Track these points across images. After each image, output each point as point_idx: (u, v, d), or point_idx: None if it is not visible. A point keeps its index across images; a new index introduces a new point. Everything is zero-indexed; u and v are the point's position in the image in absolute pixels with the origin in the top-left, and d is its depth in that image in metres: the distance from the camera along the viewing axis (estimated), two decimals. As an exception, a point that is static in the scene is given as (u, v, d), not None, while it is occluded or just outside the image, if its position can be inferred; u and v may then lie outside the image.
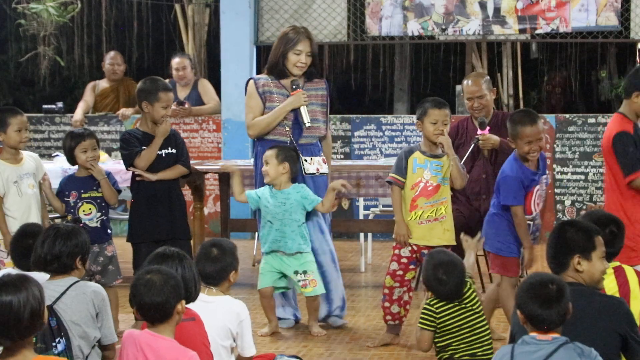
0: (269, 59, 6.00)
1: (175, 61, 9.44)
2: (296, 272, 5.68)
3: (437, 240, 5.34)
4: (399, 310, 5.41)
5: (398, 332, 5.49)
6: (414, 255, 5.39)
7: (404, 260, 5.39)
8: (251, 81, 5.99)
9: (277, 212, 5.67)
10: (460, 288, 4.49)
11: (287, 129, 5.85)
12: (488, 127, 6.17)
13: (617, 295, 3.98)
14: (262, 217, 5.76)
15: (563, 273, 3.70)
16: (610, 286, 4.01)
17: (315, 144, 5.98)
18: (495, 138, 6.12)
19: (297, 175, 5.79)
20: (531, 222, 5.20)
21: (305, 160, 5.87)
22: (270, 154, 5.67)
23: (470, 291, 4.55)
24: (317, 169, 5.90)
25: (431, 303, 4.49)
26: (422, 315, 4.49)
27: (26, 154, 5.90)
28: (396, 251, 5.43)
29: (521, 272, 5.31)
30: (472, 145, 6.18)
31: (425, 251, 5.23)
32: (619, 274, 4.07)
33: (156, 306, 3.56)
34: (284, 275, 5.76)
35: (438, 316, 4.45)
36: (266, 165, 5.67)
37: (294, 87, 5.84)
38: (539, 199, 5.24)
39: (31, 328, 3.18)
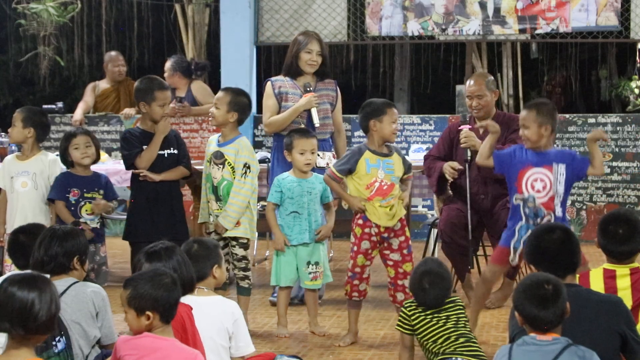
0: (285, 62, 6.47)
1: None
2: (309, 263, 5.70)
3: (392, 222, 5.42)
4: (365, 288, 5.52)
5: (360, 307, 5.60)
6: (378, 235, 5.46)
7: (374, 238, 5.44)
8: (268, 82, 6.40)
9: (304, 201, 5.70)
10: (440, 300, 4.47)
11: (302, 125, 6.18)
12: (470, 125, 6.18)
13: (630, 295, 3.96)
14: (284, 210, 5.70)
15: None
16: (624, 286, 4.00)
17: (326, 140, 6.37)
18: (477, 141, 6.06)
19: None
20: (521, 202, 5.14)
21: (318, 155, 6.07)
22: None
23: (454, 305, 4.50)
24: (327, 164, 6.16)
25: (405, 306, 4.56)
26: (399, 318, 4.59)
27: (42, 154, 6.03)
28: (366, 229, 5.43)
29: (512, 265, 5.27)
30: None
31: (386, 235, 5.41)
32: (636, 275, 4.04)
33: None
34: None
35: (411, 320, 4.50)
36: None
37: (307, 89, 6.27)
38: (535, 182, 5.11)
39: (49, 328, 3.22)
